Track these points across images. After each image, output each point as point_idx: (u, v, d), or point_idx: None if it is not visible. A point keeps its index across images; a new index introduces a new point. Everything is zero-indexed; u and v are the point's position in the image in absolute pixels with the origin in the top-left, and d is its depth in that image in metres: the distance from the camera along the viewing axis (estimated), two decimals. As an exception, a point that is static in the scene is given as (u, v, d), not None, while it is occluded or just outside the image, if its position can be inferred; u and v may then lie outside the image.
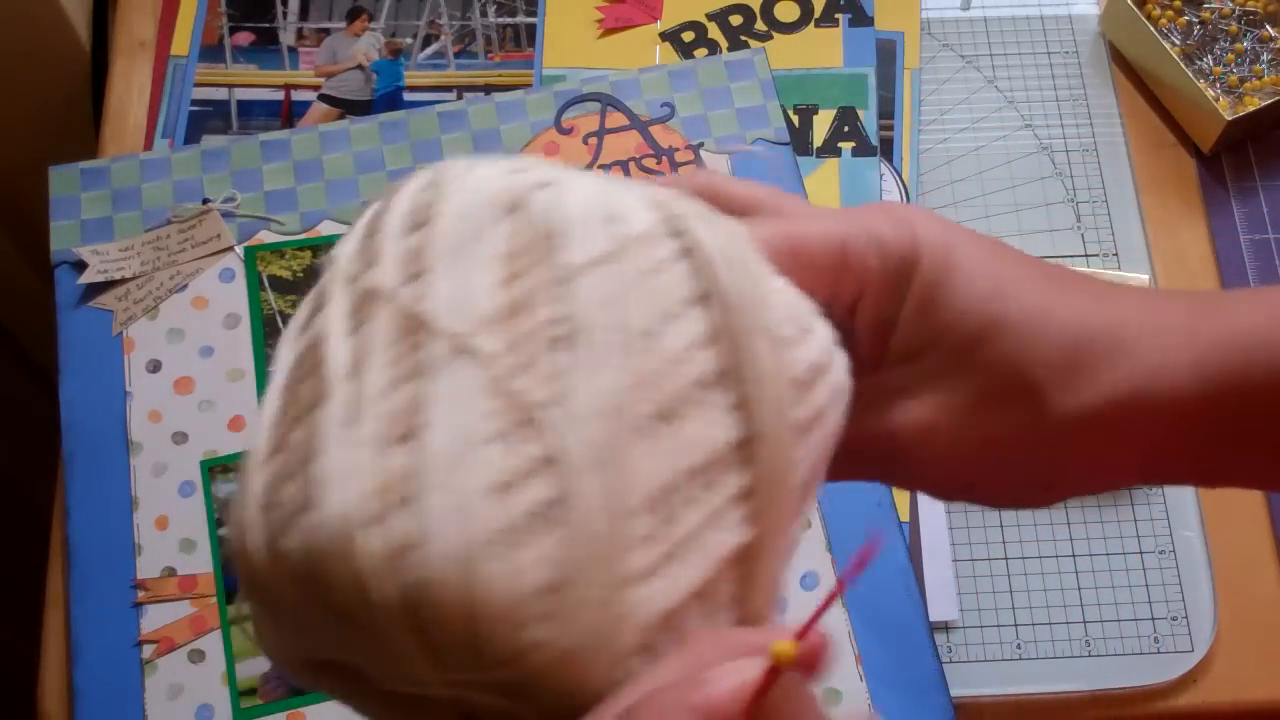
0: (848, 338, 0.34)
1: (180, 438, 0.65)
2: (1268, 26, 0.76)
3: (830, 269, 0.34)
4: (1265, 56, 0.76)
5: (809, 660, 0.28)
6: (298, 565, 0.27)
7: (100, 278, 0.68)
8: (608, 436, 0.27)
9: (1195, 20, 0.77)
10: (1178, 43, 0.76)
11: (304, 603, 0.28)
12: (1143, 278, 0.69)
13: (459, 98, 0.75)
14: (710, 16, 0.77)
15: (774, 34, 0.77)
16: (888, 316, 0.34)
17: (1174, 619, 0.63)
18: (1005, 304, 0.33)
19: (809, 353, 0.31)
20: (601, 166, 0.71)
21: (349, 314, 0.29)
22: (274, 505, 0.28)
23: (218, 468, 0.65)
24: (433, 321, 0.28)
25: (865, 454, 0.34)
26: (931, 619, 0.61)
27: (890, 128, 0.74)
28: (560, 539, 0.27)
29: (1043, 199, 0.73)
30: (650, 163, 0.71)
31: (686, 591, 0.28)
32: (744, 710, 0.27)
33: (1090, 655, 0.62)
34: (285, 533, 0.28)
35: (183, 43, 0.77)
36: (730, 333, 0.29)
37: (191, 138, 0.74)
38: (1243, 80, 0.75)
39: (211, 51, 0.77)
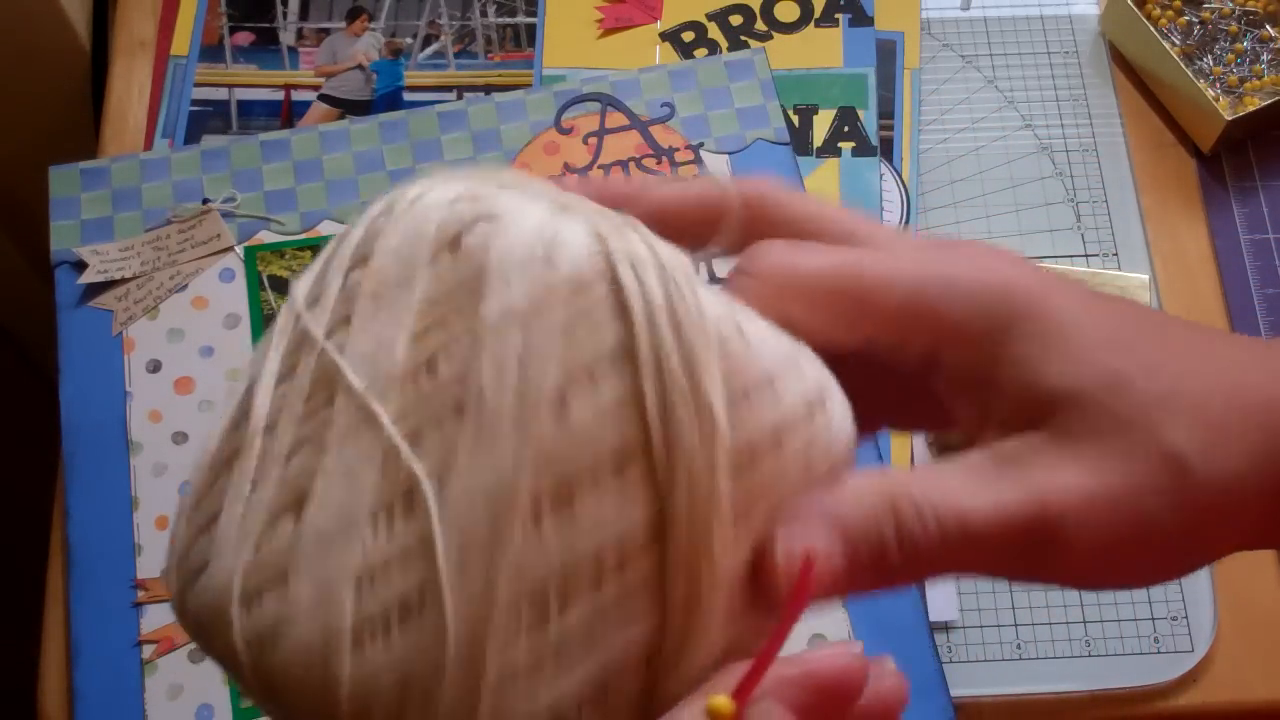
0: (926, 395, 0.31)
1: (180, 438, 0.65)
2: (1268, 26, 0.76)
3: (897, 318, 0.30)
4: (1265, 56, 0.76)
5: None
6: (192, 627, 0.28)
7: (100, 278, 0.68)
8: (489, 521, 0.25)
9: (1195, 20, 0.77)
10: (1178, 43, 0.76)
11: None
12: (1143, 278, 0.69)
13: (459, 98, 0.75)
14: (710, 16, 0.77)
15: (774, 34, 0.77)
16: (979, 376, 0.30)
17: (1174, 619, 0.63)
18: (1125, 356, 0.30)
19: (765, 415, 0.27)
20: (601, 167, 0.71)
21: (285, 357, 0.28)
22: (183, 560, 0.28)
23: (218, 468, 0.65)
24: (342, 377, 0.27)
25: (1004, 536, 0.29)
26: (931, 619, 0.61)
27: (890, 128, 0.74)
28: (421, 635, 0.25)
29: (1043, 199, 0.73)
30: (650, 163, 0.71)
31: (577, 685, 0.25)
32: None
33: (1090, 655, 0.62)
34: (186, 592, 0.28)
35: (183, 43, 0.77)
36: (649, 397, 0.26)
37: (191, 138, 0.74)
38: (1243, 80, 0.75)
39: (211, 51, 0.77)
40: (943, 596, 0.63)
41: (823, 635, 0.60)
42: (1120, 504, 0.29)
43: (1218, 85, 0.75)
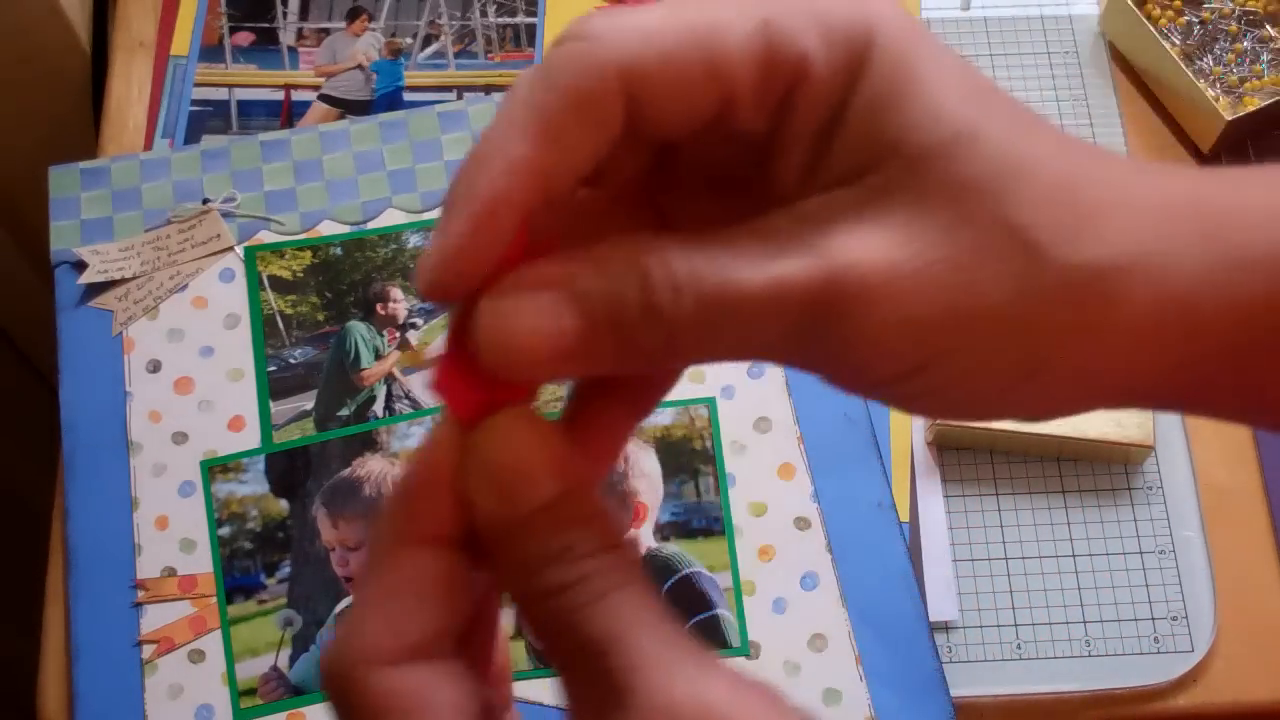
0: (765, 154, 0.27)
1: (180, 438, 0.65)
2: (1268, 26, 0.76)
3: (749, 57, 0.25)
4: (1265, 56, 0.75)
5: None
6: None
7: (100, 278, 0.68)
8: None
9: (1195, 20, 0.77)
10: (1178, 43, 0.76)
11: None
12: (1143, 278, 0.69)
13: (459, 98, 0.75)
14: (710, 16, 0.77)
15: (774, 34, 0.77)
16: (828, 116, 0.25)
17: (1174, 619, 0.63)
18: (988, 114, 0.25)
19: None
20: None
21: None
22: None
23: (218, 468, 0.65)
24: None
25: (779, 313, 0.24)
26: (931, 619, 0.61)
27: (890, 128, 0.74)
28: None
29: (1043, 199, 0.73)
30: (650, 163, 0.71)
31: None
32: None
33: (1090, 655, 0.62)
34: None
35: (183, 43, 0.77)
36: None
37: (191, 138, 0.74)
38: (1243, 80, 0.75)
39: (211, 51, 0.77)
40: (943, 596, 0.63)
41: (823, 635, 0.60)
42: (936, 276, 0.24)
43: (1218, 85, 0.75)
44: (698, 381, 0.66)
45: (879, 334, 0.24)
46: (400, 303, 0.69)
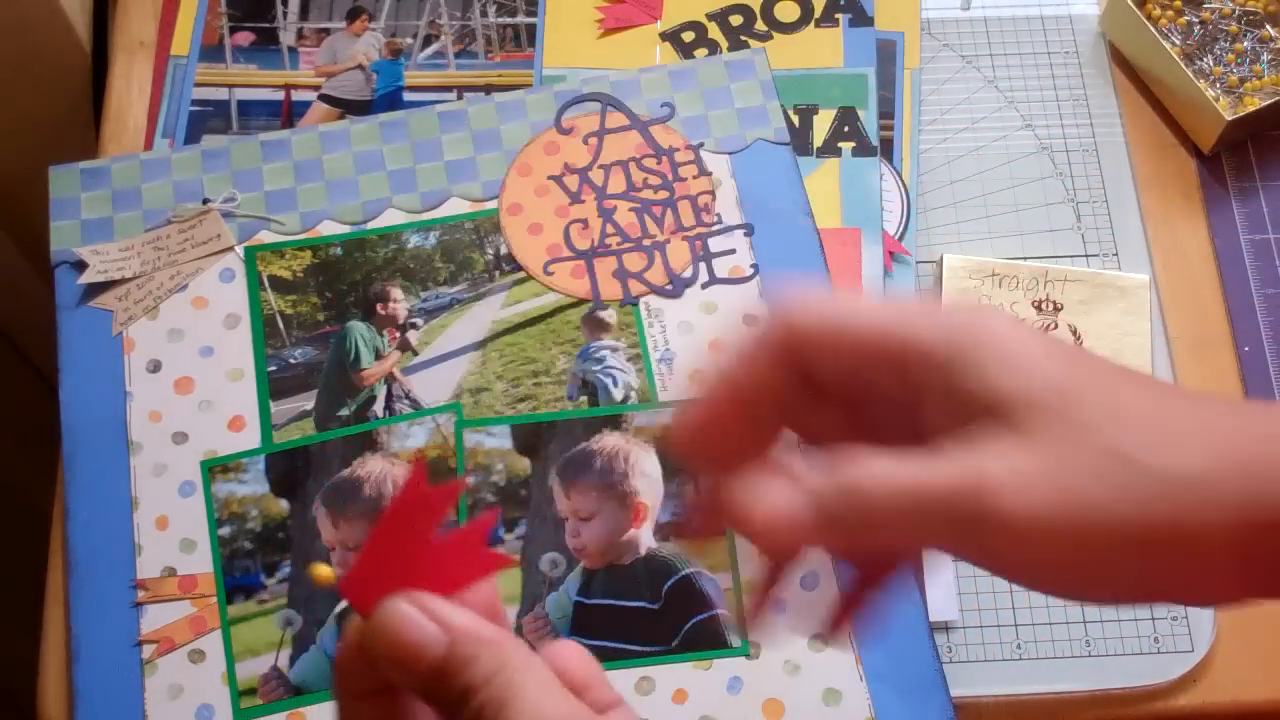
0: (902, 407, 0.35)
1: (180, 438, 0.65)
2: (1268, 26, 0.76)
3: (878, 345, 0.35)
4: (1265, 56, 0.76)
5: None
6: None
7: (100, 278, 0.68)
8: None
9: (1195, 20, 0.77)
10: (1178, 43, 0.76)
11: None
12: (1143, 278, 0.69)
13: (459, 98, 0.75)
14: (710, 16, 0.77)
15: (774, 34, 0.77)
16: (946, 387, 0.34)
17: (1174, 619, 0.63)
18: (1083, 372, 0.33)
19: None
20: (602, 167, 0.71)
21: None
22: None
23: (218, 468, 0.65)
24: None
25: (940, 500, 0.32)
26: (931, 619, 0.61)
27: (890, 128, 0.74)
28: None
29: (1043, 199, 0.73)
30: (650, 163, 0.71)
31: None
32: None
33: (1090, 655, 0.62)
34: None
35: (183, 43, 0.77)
36: None
37: (191, 138, 0.74)
38: (1243, 80, 0.75)
39: (211, 51, 0.77)
40: (943, 596, 0.63)
41: (823, 635, 0.60)
42: (1057, 482, 0.31)
43: (1218, 85, 0.75)
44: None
45: (1018, 532, 0.32)
46: (400, 303, 0.69)
